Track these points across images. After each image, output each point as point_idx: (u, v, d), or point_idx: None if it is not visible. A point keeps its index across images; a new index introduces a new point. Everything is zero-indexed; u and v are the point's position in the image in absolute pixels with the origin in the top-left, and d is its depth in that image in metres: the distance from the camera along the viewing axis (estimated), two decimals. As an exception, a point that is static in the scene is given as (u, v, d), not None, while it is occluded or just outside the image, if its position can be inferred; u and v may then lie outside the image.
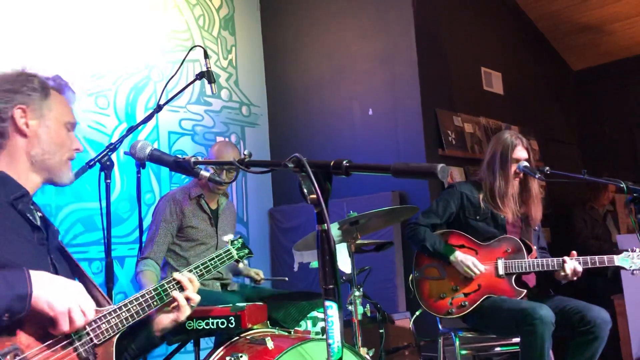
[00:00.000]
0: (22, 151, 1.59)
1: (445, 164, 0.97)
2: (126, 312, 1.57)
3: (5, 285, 1.28)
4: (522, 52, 5.60)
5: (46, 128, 1.61)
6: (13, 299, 1.29)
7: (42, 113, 1.61)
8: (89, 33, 4.02)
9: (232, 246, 2.11)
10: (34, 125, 1.60)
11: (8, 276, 1.31)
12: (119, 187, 4.04)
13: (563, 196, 5.44)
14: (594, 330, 2.62)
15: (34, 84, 1.62)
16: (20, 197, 1.54)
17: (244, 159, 1.33)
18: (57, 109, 1.65)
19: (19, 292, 1.30)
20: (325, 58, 4.93)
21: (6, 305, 1.28)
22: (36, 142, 1.60)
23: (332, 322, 1.10)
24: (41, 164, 1.61)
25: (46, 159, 1.61)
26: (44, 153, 1.60)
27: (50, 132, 1.62)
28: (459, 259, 2.92)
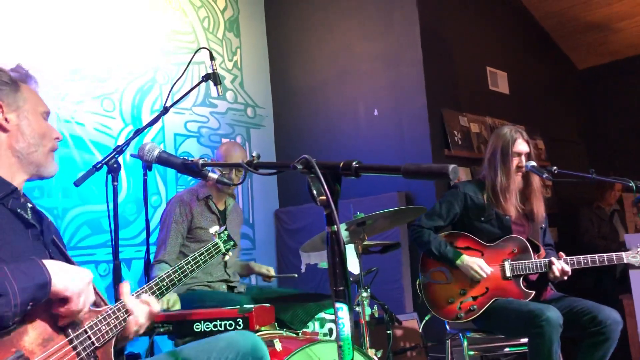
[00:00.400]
0: (5, 147, 1.56)
1: (456, 165, 0.97)
2: (124, 313, 1.57)
3: (25, 277, 1.29)
4: (528, 52, 5.58)
5: (26, 120, 1.58)
6: (35, 289, 1.30)
7: (18, 105, 1.58)
8: (94, 36, 4.03)
9: (219, 239, 2.11)
10: (13, 119, 1.57)
11: (24, 268, 1.31)
12: (125, 189, 4.04)
13: (569, 196, 5.42)
14: (605, 331, 2.59)
15: (3, 78, 1.58)
16: (9, 194, 1.52)
17: (252, 160, 1.33)
18: (31, 99, 1.62)
19: (39, 281, 1.31)
20: (330, 59, 4.93)
21: (31, 296, 1.29)
22: (20, 136, 1.57)
23: (343, 324, 1.09)
24: (27, 158, 1.58)
25: (32, 152, 1.58)
26: (30, 146, 1.58)
27: (32, 124, 1.59)
28: (465, 263, 2.90)
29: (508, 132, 3.01)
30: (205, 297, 2.87)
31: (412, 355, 3.75)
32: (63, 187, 3.67)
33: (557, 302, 2.82)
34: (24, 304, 1.27)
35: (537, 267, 2.84)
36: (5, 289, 1.24)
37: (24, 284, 1.28)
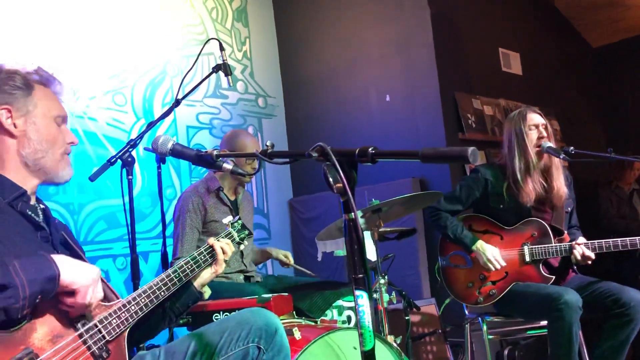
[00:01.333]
0: (14, 152, 1.55)
1: (475, 147, 0.95)
2: (135, 306, 1.57)
3: (34, 270, 1.30)
4: (540, 31, 5.49)
5: (34, 125, 1.56)
6: (44, 282, 1.31)
7: (27, 110, 1.56)
8: (104, 31, 4.03)
9: (232, 228, 2.09)
10: (21, 124, 1.55)
11: (33, 262, 1.33)
12: (139, 183, 4.06)
13: (586, 176, 5.35)
14: (630, 312, 2.56)
15: (15, 82, 1.56)
16: (18, 197, 1.52)
17: (267, 150, 1.31)
18: (43, 104, 1.59)
19: (48, 274, 1.32)
20: (340, 46, 4.89)
21: (39, 289, 1.30)
22: (26, 142, 1.55)
23: (364, 311, 1.08)
24: (35, 164, 1.57)
25: (39, 158, 1.57)
26: (36, 152, 1.56)
27: (40, 130, 1.57)
28: (480, 250, 2.87)
29: (517, 112, 2.97)
30: (222, 288, 2.87)
31: (431, 341, 3.74)
32: (78, 182, 3.69)
33: (578, 285, 2.79)
34: (32, 296, 1.28)
35: (558, 252, 2.80)
36: (14, 281, 1.26)
37: (32, 277, 1.29)
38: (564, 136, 5.20)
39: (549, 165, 2.90)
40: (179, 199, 3.07)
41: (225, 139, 3.12)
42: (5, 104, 1.54)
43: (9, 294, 1.25)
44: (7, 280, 1.25)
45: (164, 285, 1.69)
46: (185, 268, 1.80)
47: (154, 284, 1.67)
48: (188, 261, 1.82)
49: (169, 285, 1.70)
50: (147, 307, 1.60)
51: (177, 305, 1.81)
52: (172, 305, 1.80)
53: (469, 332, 3.20)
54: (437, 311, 3.83)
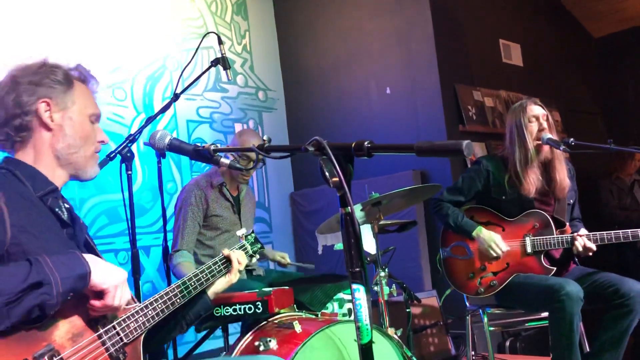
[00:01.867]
0: (47, 146, 1.56)
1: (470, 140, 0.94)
2: (152, 311, 1.59)
3: (66, 268, 1.32)
4: (541, 22, 5.47)
5: (70, 121, 1.58)
6: (76, 279, 1.33)
7: (65, 106, 1.58)
8: (103, 26, 4.03)
9: (246, 241, 2.11)
10: (58, 118, 1.56)
11: (65, 259, 1.34)
12: (140, 177, 4.07)
13: (587, 168, 5.34)
14: (629, 302, 2.55)
15: (57, 76, 1.57)
16: (49, 192, 1.53)
17: (264, 144, 1.31)
18: (80, 101, 1.61)
19: (80, 272, 1.35)
20: (340, 38, 4.88)
21: (71, 286, 1.32)
22: (61, 137, 1.57)
23: (360, 304, 1.09)
24: (66, 159, 1.58)
25: (72, 153, 1.58)
26: (70, 147, 1.57)
27: (75, 126, 1.59)
28: (482, 236, 2.88)
29: (518, 104, 2.96)
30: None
31: (432, 333, 3.75)
32: (79, 177, 3.69)
33: (580, 276, 2.79)
34: (65, 293, 1.30)
35: (559, 243, 2.79)
36: (49, 278, 1.28)
37: (65, 274, 1.31)
38: (565, 127, 5.18)
39: (551, 157, 2.89)
40: (181, 192, 3.09)
41: (233, 138, 3.20)
42: (45, 97, 1.54)
43: (45, 290, 1.27)
44: (42, 277, 1.27)
45: (180, 292, 1.70)
46: (201, 277, 1.82)
47: (170, 290, 1.68)
48: (203, 270, 1.83)
49: (185, 293, 1.72)
50: (163, 313, 1.62)
51: (189, 314, 1.83)
52: (185, 313, 1.82)
53: (470, 323, 3.20)
54: (438, 303, 3.84)
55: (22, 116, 1.53)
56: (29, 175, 1.52)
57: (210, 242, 3.01)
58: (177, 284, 1.71)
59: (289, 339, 2.10)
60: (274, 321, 2.29)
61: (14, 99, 1.52)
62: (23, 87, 1.53)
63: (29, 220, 1.42)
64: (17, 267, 1.28)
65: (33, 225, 1.42)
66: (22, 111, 1.53)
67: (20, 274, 1.26)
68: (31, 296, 1.25)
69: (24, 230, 1.38)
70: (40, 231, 1.43)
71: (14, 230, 1.36)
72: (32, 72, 1.56)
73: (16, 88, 1.53)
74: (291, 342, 2.07)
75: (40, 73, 1.56)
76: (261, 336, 2.15)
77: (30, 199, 1.47)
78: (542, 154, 2.88)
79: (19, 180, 1.49)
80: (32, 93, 1.53)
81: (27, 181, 1.50)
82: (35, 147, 1.56)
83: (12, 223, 1.36)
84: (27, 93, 1.53)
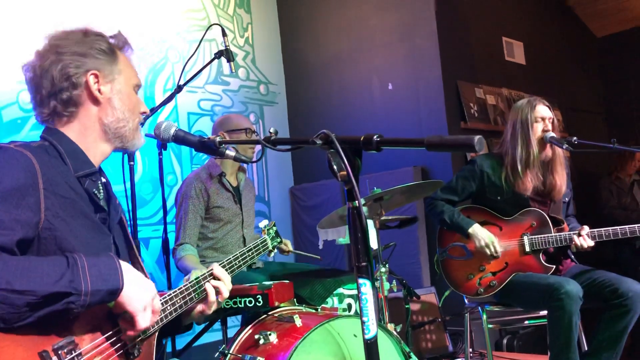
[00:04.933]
0: (95, 119, 1.49)
1: (481, 136, 0.94)
2: (171, 307, 1.53)
3: (101, 280, 1.27)
4: (544, 20, 5.46)
5: (119, 94, 1.52)
6: (106, 294, 1.29)
7: (113, 77, 1.51)
8: (105, 17, 4.00)
9: (267, 235, 2.09)
10: (107, 91, 1.49)
11: (102, 267, 1.29)
12: (140, 169, 4.05)
13: (587, 167, 5.35)
14: (628, 302, 2.55)
15: (102, 46, 1.51)
16: (89, 174, 1.47)
17: (270, 137, 1.30)
18: (125, 71, 1.55)
19: (112, 286, 1.29)
20: (343, 33, 4.86)
21: (100, 299, 1.28)
22: (109, 110, 1.50)
23: (367, 299, 1.08)
24: (115, 132, 1.52)
25: (121, 127, 1.52)
26: (119, 121, 1.51)
27: (123, 98, 1.52)
28: (476, 233, 2.86)
29: (526, 101, 2.93)
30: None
31: (431, 329, 3.76)
32: (79, 168, 3.68)
33: (578, 274, 2.79)
34: (91, 305, 1.26)
35: (557, 241, 2.79)
36: (79, 287, 1.23)
37: (97, 286, 1.26)
38: (566, 126, 5.18)
39: (552, 158, 2.87)
40: (181, 185, 3.07)
41: (218, 123, 3.09)
42: (93, 68, 1.48)
43: (72, 299, 1.22)
44: (73, 286, 1.22)
45: (200, 287, 1.64)
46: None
47: (190, 285, 1.62)
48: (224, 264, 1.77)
49: (198, 292, 1.65)
50: (180, 309, 1.57)
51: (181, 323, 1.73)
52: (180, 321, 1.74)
53: (468, 321, 3.20)
54: (437, 300, 3.84)
55: (70, 89, 1.45)
56: (71, 152, 1.45)
57: (213, 234, 3.00)
58: (197, 279, 1.65)
59: (289, 333, 2.10)
60: (274, 315, 2.28)
61: (60, 70, 1.44)
62: (68, 57, 1.45)
63: (64, 204, 1.36)
64: (52, 266, 1.23)
65: (67, 209, 1.36)
66: (71, 83, 1.45)
67: (53, 274, 1.21)
68: (56, 304, 1.21)
69: (57, 216, 1.33)
70: (72, 215, 1.37)
71: (48, 214, 1.31)
72: (76, 42, 1.48)
73: (61, 59, 1.45)
74: (291, 336, 2.06)
75: (85, 43, 1.49)
76: (261, 329, 2.14)
77: (69, 179, 1.41)
78: (543, 154, 2.87)
79: (60, 156, 1.43)
80: (79, 65, 1.46)
81: (69, 159, 1.44)
82: (82, 122, 1.49)
83: (46, 206, 1.31)
84: (74, 65, 1.45)
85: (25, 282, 1.18)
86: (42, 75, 1.46)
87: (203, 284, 1.66)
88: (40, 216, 1.30)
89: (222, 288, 1.68)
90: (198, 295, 1.65)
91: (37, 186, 1.31)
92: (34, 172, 1.32)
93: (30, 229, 1.28)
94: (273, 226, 2.15)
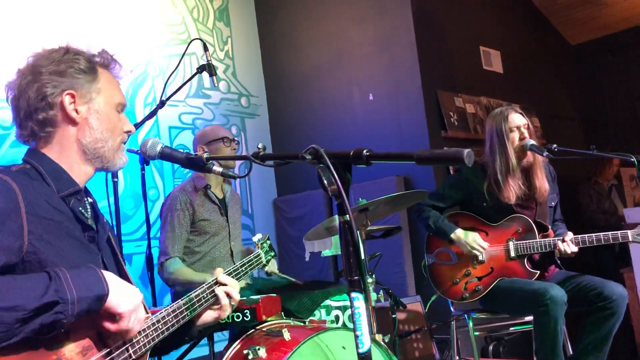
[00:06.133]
0: (73, 140, 1.48)
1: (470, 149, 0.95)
2: (163, 325, 1.53)
3: (84, 287, 1.27)
4: (520, 29, 5.55)
5: (96, 114, 1.49)
6: (92, 300, 1.28)
7: (90, 97, 1.49)
8: (83, 32, 3.97)
9: (261, 249, 2.08)
10: (84, 111, 1.47)
11: (84, 277, 1.29)
12: (122, 184, 4.01)
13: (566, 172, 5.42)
14: (612, 305, 2.60)
15: (80, 65, 1.49)
16: (73, 193, 1.45)
17: (259, 152, 1.31)
18: (106, 90, 1.52)
19: (98, 292, 1.29)
20: (322, 45, 4.89)
21: (87, 307, 1.27)
22: (87, 130, 1.48)
23: (359, 313, 1.08)
24: (94, 153, 1.50)
25: (99, 147, 1.50)
26: (97, 141, 1.49)
27: (101, 118, 1.50)
28: (459, 239, 2.89)
29: (499, 111, 2.97)
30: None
31: (417, 338, 3.77)
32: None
33: (562, 279, 2.83)
34: (79, 313, 1.26)
35: (542, 247, 2.83)
36: (65, 297, 1.23)
37: (82, 294, 1.26)
38: (544, 133, 5.26)
39: (532, 163, 2.92)
40: (166, 199, 3.05)
41: (196, 138, 3.09)
42: (69, 88, 1.46)
43: (60, 309, 1.22)
44: (59, 296, 1.22)
45: (192, 305, 1.64)
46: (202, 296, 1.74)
47: (182, 304, 1.62)
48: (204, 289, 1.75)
49: (196, 307, 1.66)
50: (172, 327, 1.56)
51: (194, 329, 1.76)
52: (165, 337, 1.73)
53: (454, 328, 3.22)
54: (423, 308, 3.86)
55: (46, 109, 1.44)
56: (53, 172, 1.44)
57: (199, 247, 2.97)
58: (190, 297, 1.65)
59: (277, 347, 2.09)
60: (262, 329, 2.27)
61: (36, 91, 1.44)
62: (46, 77, 1.44)
63: (48, 226, 1.35)
64: (35, 281, 1.23)
65: (52, 231, 1.35)
66: (46, 104, 1.44)
67: (37, 289, 1.21)
68: (46, 314, 1.20)
69: (41, 239, 1.32)
70: (58, 237, 1.36)
71: (31, 238, 1.30)
72: (55, 61, 1.47)
73: (38, 78, 1.45)
74: (280, 350, 2.06)
75: (63, 62, 1.47)
76: (250, 344, 2.13)
77: (52, 201, 1.39)
78: (523, 160, 2.91)
79: (43, 178, 1.42)
80: (56, 85, 1.45)
81: (51, 180, 1.43)
82: (61, 143, 1.47)
83: (29, 230, 1.30)
84: (51, 84, 1.44)
85: (11, 299, 1.17)
86: (20, 96, 1.46)
87: (202, 297, 1.68)
88: (23, 241, 1.29)
89: (232, 291, 1.75)
90: (190, 313, 1.64)
91: (19, 211, 1.30)
92: (14, 196, 1.31)
93: (13, 254, 1.28)
94: (267, 240, 2.13)
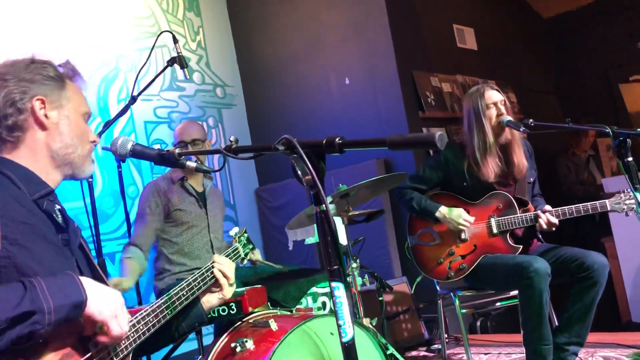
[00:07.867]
0: (43, 145, 1.48)
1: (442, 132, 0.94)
2: (144, 326, 1.52)
3: (61, 295, 1.24)
4: (493, 5, 5.56)
5: (67, 120, 1.50)
6: (70, 308, 1.26)
7: (60, 103, 1.50)
8: (52, 28, 3.89)
9: (238, 243, 2.06)
10: (54, 117, 1.48)
11: (60, 284, 1.26)
12: (100, 183, 3.96)
13: (544, 145, 5.47)
14: (594, 275, 2.63)
15: (49, 72, 1.50)
16: (44, 195, 1.44)
17: (231, 145, 1.29)
18: (74, 98, 1.54)
19: (75, 300, 1.27)
20: (296, 31, 4.84)
21: (65, 315, 1.25)
22: (57, 136, 1.49)
23: (341, 302, 1.08)
24: (63, 159, 1.50)
25: (69, 152, 1.50)
26: (67, 147, 1.50)
27: (71, 124, 1.51)
28: (444, 216, 2.91)
29: (475, 89, 2.97)
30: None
31: (405, 318, 3.80)
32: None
33: (544, 252, 2.86)
34: (57, 322, 1.23)
35: (523, 222, 2.85)
36: (42, 306, 1.20)
37: (59, 302, 1.23)
38: (521, 107, 5.29)
39: (510, 139, 2.93)
40: (144, 189, 3.04)
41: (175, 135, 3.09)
42: (39, 94, 1.47)
43: (36, 319, 1.19)
44: (35, 306, 1.19)
45: (172, 304, 1.64)
46: (193, 285, 1.77)
47: (162, 302, 1.62)
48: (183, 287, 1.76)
49: (177, 305, 1.66)
50: (154, 327, 1.56)
51: (182, 325, 1.79)
52: (178, 325, 1.78)
53: (441, 307, 3.25)
54: (409, 289, 3.88)
55: (15, 115, 1.44)
56: (23, 176, 1.43)
57: (177, 238, 2.95)
58: (170, 295, 1.66)
59: (265, 338, 2.08)
60: (249, 321, 2.26)
61: (4, 97, 1.44)
62: (13, 84, 1.45)
63: (23, 230, 1.33)
64: (9, 291, 1.20)
65: (26, 235, 1.33)
66: (16, 109, 1.44)
67: (12, 299, 1.18)
68: (21, 325, 1.18)
69: (15, 243, 1.30)
70: (33, 241, 1.34)
71: (5, 242, 1.28)
72: (22, 69, 1.48)
73: (5, 85, 1.45)
74: (268, 341, 2.05)
75: (31, 70, 1.48)
76: (237, 337, 2.12)
77: (26, 204, 1.38)
78: (501, 137, 2.92)
79: (13, 182, 1.40)
80: (25, 91, 1.45)
81: (22, 183, 1.41)
82: (30, 148, 1.47)
83: (3, 235, 1.28)
84: (20, 91, 1.45)
85: None
86: None
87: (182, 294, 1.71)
88: None
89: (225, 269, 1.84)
90: (171, 312, 1.64)
91: None
92: None
93: None
94: (244, 233, 2.11)
